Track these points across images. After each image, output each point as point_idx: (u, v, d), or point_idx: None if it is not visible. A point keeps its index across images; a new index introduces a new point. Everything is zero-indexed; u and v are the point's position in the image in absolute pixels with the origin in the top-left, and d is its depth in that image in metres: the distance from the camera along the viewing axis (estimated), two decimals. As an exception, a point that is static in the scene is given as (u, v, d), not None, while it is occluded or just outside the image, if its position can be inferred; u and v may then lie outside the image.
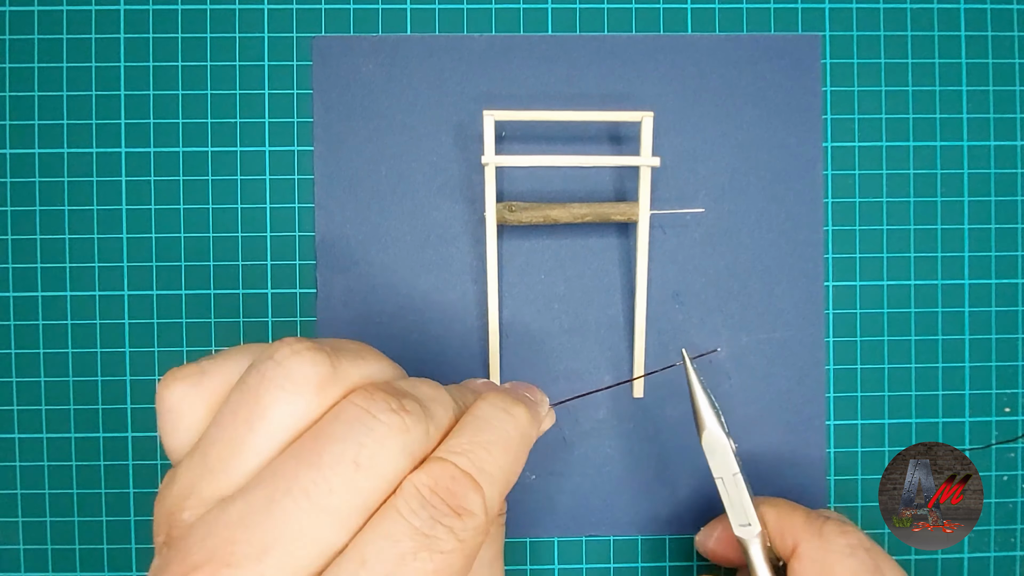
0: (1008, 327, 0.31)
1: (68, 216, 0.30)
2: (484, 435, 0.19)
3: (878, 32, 0.31)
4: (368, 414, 0.17)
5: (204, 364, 0.18)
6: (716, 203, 0.31)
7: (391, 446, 0.17)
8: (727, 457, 0.25)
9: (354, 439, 0.16)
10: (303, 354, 0.17)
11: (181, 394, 0.18)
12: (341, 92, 0.30)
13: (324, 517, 0.16)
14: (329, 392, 0.17)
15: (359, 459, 0.16)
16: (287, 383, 0.17)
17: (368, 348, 0.20)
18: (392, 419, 0.17)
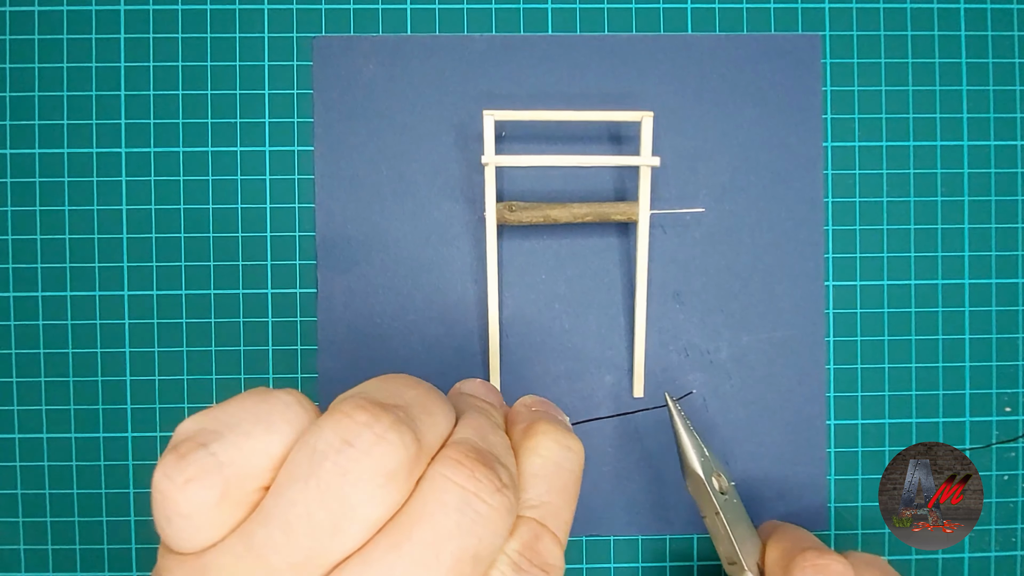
0: (1008, 327, 0.31)
1: (68, 216, 0.30)
2: (555, 480, 0.18)
3: (878, 32, 0.31)
4: (476, 498, 0.15)
5: (217, 451, 0.15)
6: (716, 203, 0.31)
7: (502, 530, 0.15)
8: (707, 497, 0.25)
9: (470, 531, 0.15)
10: (391, 438, 0.14)
11: (201, 501, 0.14)
12: (341, 92, 0.30)
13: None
14: (418, 468, 0.15)
15: (479, 552, 0.15)
16: (377, 477, 0.14)
17: (427, 393, 0.17)
18: (499, 500, 0.15)
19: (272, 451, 0.15)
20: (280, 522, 0.14)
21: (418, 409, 0.16)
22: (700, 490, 0.25)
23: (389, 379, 0.17)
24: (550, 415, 0.20)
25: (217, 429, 0.15)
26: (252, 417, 0.15)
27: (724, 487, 0.25)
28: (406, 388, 0.17)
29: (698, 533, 0.31)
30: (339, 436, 0.14)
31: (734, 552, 0.24)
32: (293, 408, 0.15)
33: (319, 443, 0.14)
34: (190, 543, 0.15)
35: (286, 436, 0.15)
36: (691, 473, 0.25)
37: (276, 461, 0.15)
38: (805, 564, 0.23)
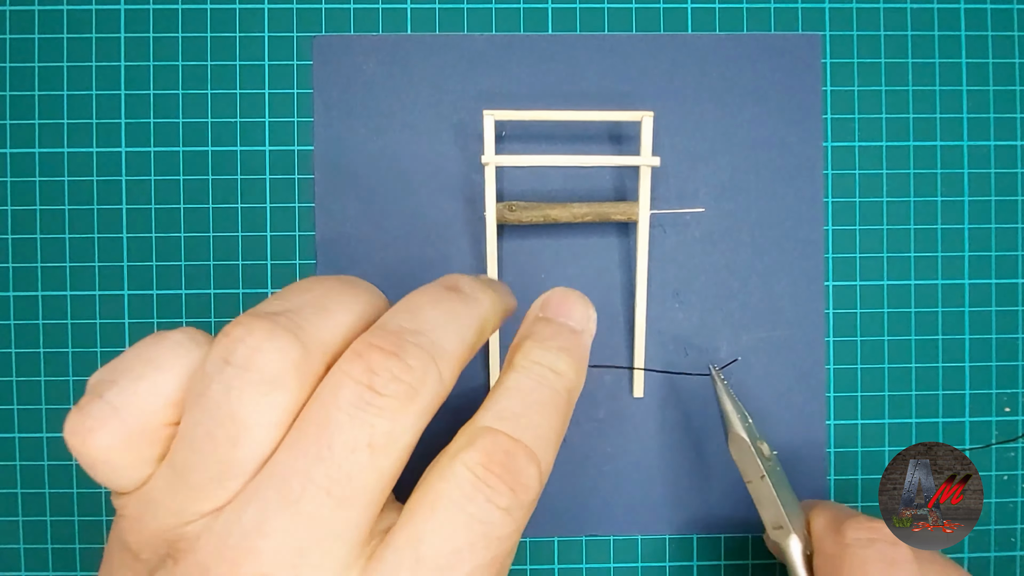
0: (1008, 327, 0.31)
1: (68, 215, 0.30)
2: (535, 394, 0.17)
3: (878, 32, 0.31)
4: (369, 390, 0.15)
5: (111, 398, 0.15)
6: (716, 203, 0.31)
7: (405, 418, 0.15)
8: (753, 461, 0.25)
9: (362, 421, 0.15)
10: (266, 347, 0.15)
11: (107, 447, 0.15)
12: (341, 91, 0.30)
13: (350, 506, 0.15)
14: (309, 370, 0.15)
15: (374, 441, 0.15)
16: (261, 387, 0.15)
17: (329, 284, 0.17)
18: (398, 388, 0.15)
19: (164, 390, 0.15)
20: (189, 443, 0.15)
21: (310, 310, 0.16)
22: (744, 454, 0.25)
23: (287, 288, 0.17)
24: (547, 332, 0.20)
25: (112, 378, 0.15)
26: (143, 361, 0.16)
27: (767, 454, 0.25)
28: (301, 292, 0.17)
29: (697, 533, 0.31)
30: (220, 356, 0.15)
31: (780, 515, 0.24)
32: (184, 345, 0.16)
33: (207, 365, 0.15)
34: (125, 483, 0.16)
35: (178, 373, 0.16)
36: (735, 437, 0.25)
37: (172, 398, 0.15)
38: (859, 525, 0.23)
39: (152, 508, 0.15)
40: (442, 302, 0.18)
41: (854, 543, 0.22)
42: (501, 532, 0.15)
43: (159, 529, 0.15)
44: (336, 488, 0.14)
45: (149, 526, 0.15)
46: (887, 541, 0.22)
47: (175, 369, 0.16)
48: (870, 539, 0.22)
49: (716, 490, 0.31)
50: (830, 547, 0.23)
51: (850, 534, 0.23)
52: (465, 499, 0.15)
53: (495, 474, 0.15)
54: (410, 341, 0.16)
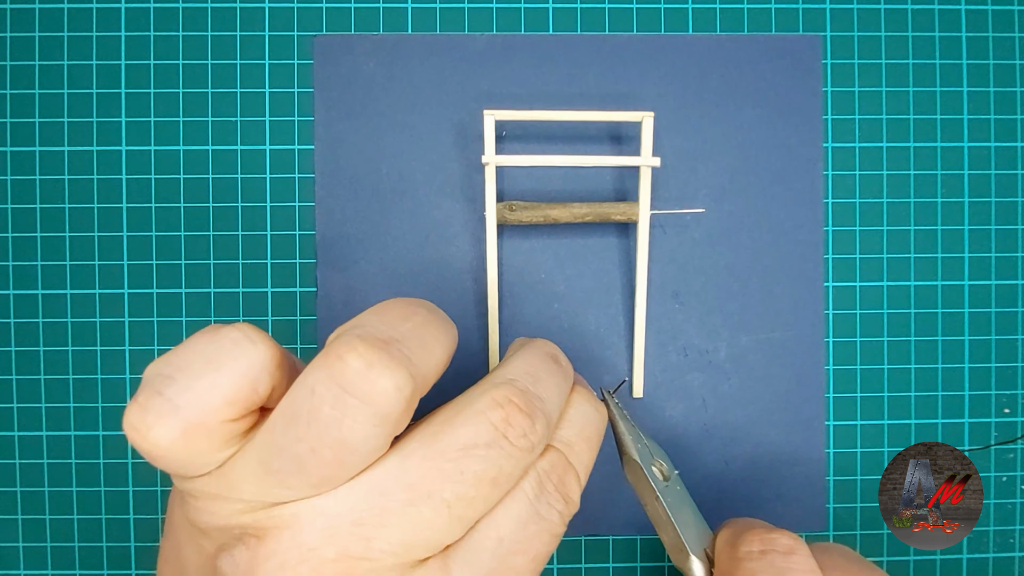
0: (1008, 328, 0.31)
1: (68, 214, 0.30)
2: (585, 431, 0.21)
3: (879, 33, 0.31)
4: (505, 439, 0.18)
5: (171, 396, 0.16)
6: (716, 203, 0.31)
7: (522, 465, 0.18)
8: (646, 484, 0.24)
9: (493, 462, 0.17)
10: (384, 384, 0.16)
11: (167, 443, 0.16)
12: (342, 91, 0.30)
13: (457, 523, 0.17)
14: (414, 403, 0.17)
15: (498, 479, 0.18)
16: (375, 419, 0.16)
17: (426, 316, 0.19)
18: (525, 444, 0.18)
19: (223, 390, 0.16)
20: (291, 455, 0.16)
21: (415, 343, 0.17)
22: (638, 476, 0.24)
23: (387, 307, 0.19)
24: (585, 383, 0.23)
25: (171, 374, 0.16)
26: (203, 358, 0.16)
27: (666, 474, 0.24)
28: (403, 319, 0.18)
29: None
30: (335, 382, 0.16)
31: (677, 537, 0.23)
32: (241, 344, 0.17)
33: (317, 386, 0.16)
34: (192, 470, 0.17)
35: (237, 373, 0.16)
36: (628, 460, 0.24)
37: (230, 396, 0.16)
38: (752, 538, 0.22)
39: (233, 492, 0.17)
40: (554, 375, 0.21)
41: (745, 556, 0.21)
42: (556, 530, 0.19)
43: (237, 511, 0.17)
44: (456, 507, 0.17)
45: (227, 508, 0.17)
46: (780, 551, 0.21)
47: (234, 370, 0.16)
48: (762, 551, 0.21)
49: (715, 491, 0.31)
50: (725, 563, 0.22)
51: (742, 548, 0.21)
52: (535, 495, 0.18)
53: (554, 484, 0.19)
54: (538, 408, 0.19)
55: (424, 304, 0.19)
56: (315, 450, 0.16)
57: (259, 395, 0.17)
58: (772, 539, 0.21)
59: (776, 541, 0.21)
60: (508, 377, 0.19)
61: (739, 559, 0.21)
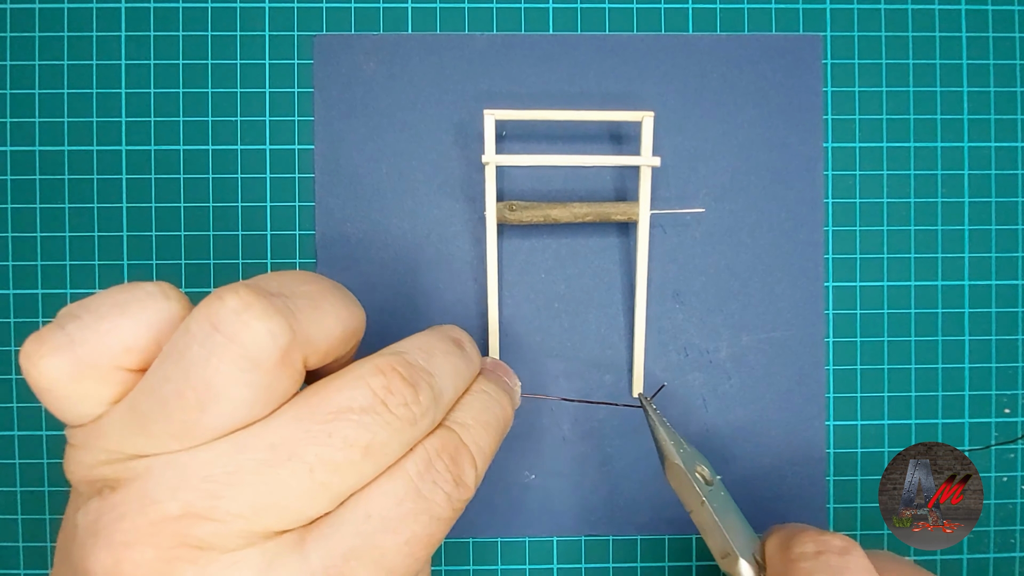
0: (1008, 328, 0.31)
1: (68, 213, 0.30)
2: (483, 416, 0.20)
3: (879, 33, 0.31)
4: (382, 404, 0.16)
5: (71, 331, 0.16)
6: (716, 203, 0.31)
7: (401, 438, 0.17)
8: (691, 490, 0.23)
9: (367, 427, 0.16)
10: (257, 326, 0.15)
11: (57, 372, 0.16)
12: (342, 90, 0.30)
13: (321, 493, 0.16)
14: (292, 359, 0.16)
15: (371, 447, 0.16)
16: (243, 362, 0.15)
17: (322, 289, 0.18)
18: (404, 412, 0.17)
19: (124, 335, 0.16)
20: (157, 396, 0.15)
21: (306, 303, 0.17)
22: (683, 482, 0.24)
23: (287, 272, 0.18)
24: (495, 374, 0.23)
25: (78, 313, 0.16)
26: (111, 303, 0.16)
27: (709, 479, 0.24)
28: (301, 283, 0.18)
29: (697, 533, 0.31)
30: (209, 320, 0.15)
31: (725, 542, 0.23)
32: (154, 297, 0.16)
33: (191, 324, 0.15)
34: (72, 416, 0.16)
35: (142, 322, 0.16)
36: (671, 466, 0.24)
37: (132, 344, 0.16)
38: (806, 539, 0.22)
39: (99, 442, 0.16)
40: (451, 355, 0.20)
41: (799, 557, 0.21)
42: (439, 513, 0.17)
43: (100, 462, 0.16)
44: (320, 472, 0.15)
45: (91, 458, 0.16)
46: (835, 552, 0.21)
47: (140, 318, 0.16)
48: (816, 552, 0.21)
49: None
50: (778, 566, 0.22)
51: (796, 549, 0.21)
52: (418, 474, 0.17)
53: (444, 463, 0.17)
54: (424, 380, 0.18)
55: (333, 282, 0.19)
56: (179, 392, 0.15)
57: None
58: (826, 540, 0.21)
59: (830, 542, 0.21)
60: (398, 350, 0.18)
61: (792, 561, 0.21)
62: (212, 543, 0.15)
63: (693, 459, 0.24)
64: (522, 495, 0.30)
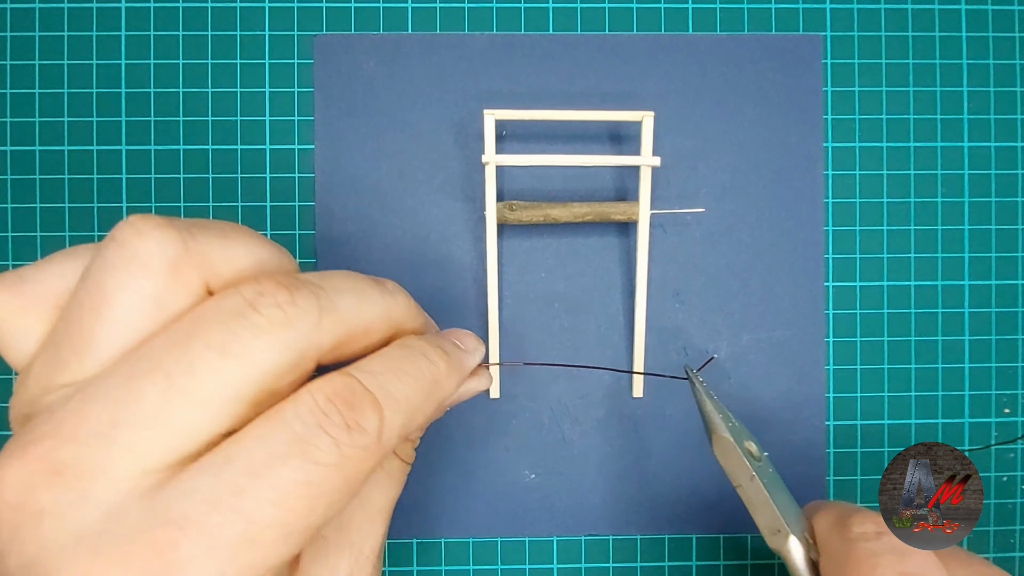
0: (1008, 328, 0.31)
1: (68, 213, 0.30)
2: (401, 365, 0.18)
3: (879, 32, 0.31)
4: (250, 306, 0.15)
5: (23, 271, 0.17)
6: (716, 203, 0.31)
7: (269, 339, 0.15)
8: (740, 463, 0.23)
9: (227, 326, 0.15)
10: (148, 233, 0.15)
11: (2, 307, 0.16)
12: (342, 90, 0.30)
13: (184, 400, 0.15)
14: (185, 274, 0.16)
15: (229, 346, 0.15)
16: (132, 265, 0.15)
17: (239, 228, 0.18)
18: (274, 313, 0.16)
19: (70, 274, 0.17)
20: (64, 313, 0.16)
21: (213, 231, 0.17)
22: (731, 456, 0.23)
23: (215, 220, 0.18)
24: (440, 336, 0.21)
25: (36, 262, 0.17)
26: (64, 251, 0.17)
27: (757, 455, 0.24)
28: (216, 222, 0.17)
29: (696, 533, 0.31)
30: (111, 234, 0.16)
31: (776, 518, 0.22)
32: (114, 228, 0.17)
33: (101, 244, 0.16)
34: (16, 355, 0.17)
35: (85, 259, 0.17)
36: (719, 439, 0.23)
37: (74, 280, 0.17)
38: (864, 519, 0.22)
39: (26, 380, 0.16)
40: (359, 281, 0.18)
41: (859, 537, 0.21)
42: (322, 458, 0.15)
43: (24, 401, 0.16)
44: (178, 378, 0.15)
45: (19, 399, 0.16)
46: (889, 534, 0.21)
47: (84, 256, 0.17)
48: (878, 532, 0.21)
49: (715, 490, 0.31)
50: (836, 544, 0.22)
51: (856, 528, 0.21)
52: (295, 417, 0.15)
53: (335, 406, 0.16)
54: (304, 287, 0.16)
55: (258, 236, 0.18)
56: (80, 301, 0.16)
57: None
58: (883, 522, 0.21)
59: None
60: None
61: (852, 540, 0.21)
62: (73, 470, 0.14)
63: (740, 434, 0.24)
64: (522, 495, 0.30)
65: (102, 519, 0.14)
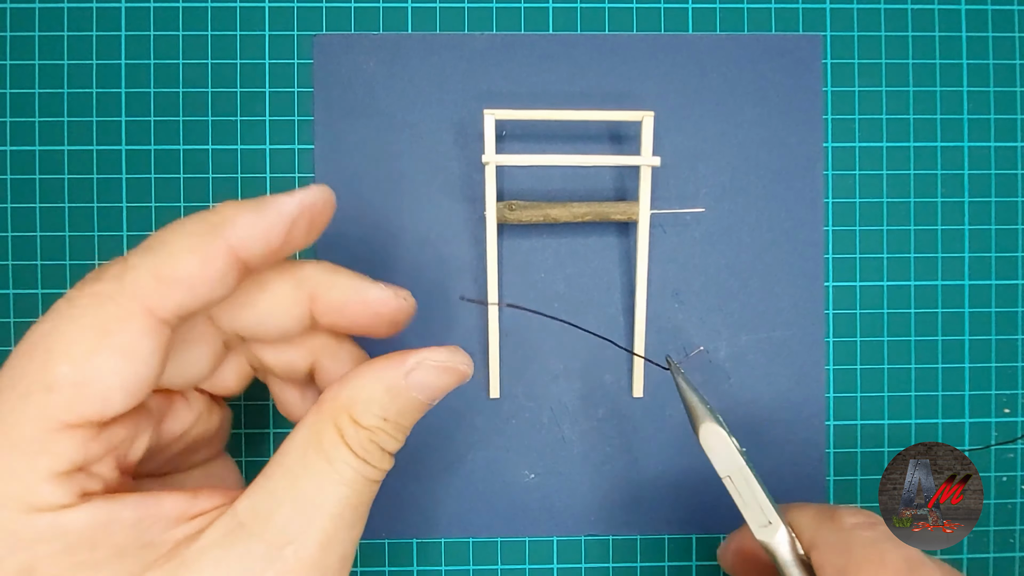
0: (1008, 328, 0.31)
1: (68, 213, 0.30)
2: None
3: (879, 32, 0.31)
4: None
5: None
6: (716, 203, 0.31)
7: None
8: (730, 452, 0.23)
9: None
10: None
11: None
12: (342, 90, 0.30)
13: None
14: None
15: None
16: None
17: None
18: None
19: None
20: None
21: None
22: (719, 445, 0.23)
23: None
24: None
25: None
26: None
27: (739, 448, 0.23)
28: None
29: (696, 533, 0.31)
30: None
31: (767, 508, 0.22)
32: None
33: None
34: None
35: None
36: (709, 429, 0.23)
37: None
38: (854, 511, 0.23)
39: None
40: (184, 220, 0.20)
41: (856, 527, 0.22)
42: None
43: None
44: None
45: None
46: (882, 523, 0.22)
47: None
48: (870, 522, 0.22)
49: (715, 490, 0.31)
50: (830, 535, 0.22)
51: (849, 519, 0.22)
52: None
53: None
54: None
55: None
56: None
57: None
58: (870, 513, 0.23)
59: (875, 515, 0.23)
60: None
61: (848, 530, 0.22)
62: None
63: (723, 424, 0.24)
64: (522, 495, 0.30)
65: None
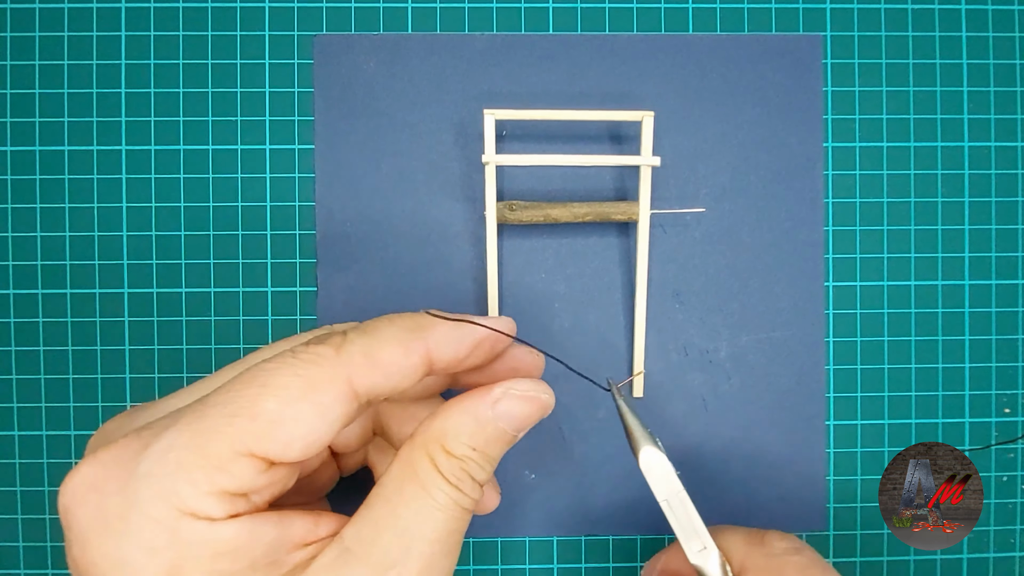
0: (1008, 328, 0.31)
1: (68, 213, 0.30)
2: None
3: (879, 32, 0.31)
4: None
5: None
6: (716, 203, 0.31)
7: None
8: (669, 476, 0.23)
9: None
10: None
11: None
12: (342, 90, 0.30)
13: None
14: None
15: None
16: None
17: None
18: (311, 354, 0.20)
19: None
20: None
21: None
22: (659, 470, 0.23)
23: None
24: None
25: None
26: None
27: (676, 472, 0.24)
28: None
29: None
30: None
31: (702, 534, 0.23)
32: None
33: None
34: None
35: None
36: (647, 452, 0.23)
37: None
38: (781, 536, 0.24)
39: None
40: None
41: (784, 552, 0.23)
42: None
43: None
44: None
45: None
46: (808, 548, 0.24)
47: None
48: (796, 548, 0.24)
49: (715, 490, 0.31)
50: (760, 560, 0.23)
51: (777, 544, 0.24)
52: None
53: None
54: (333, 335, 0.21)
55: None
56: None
57: None
58: (795, 538, 0.24)
59: (800, 541, 0.24)
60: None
61: (776, 556, 0.23)
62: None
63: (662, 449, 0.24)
64: (522, 495, 0.30)
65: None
